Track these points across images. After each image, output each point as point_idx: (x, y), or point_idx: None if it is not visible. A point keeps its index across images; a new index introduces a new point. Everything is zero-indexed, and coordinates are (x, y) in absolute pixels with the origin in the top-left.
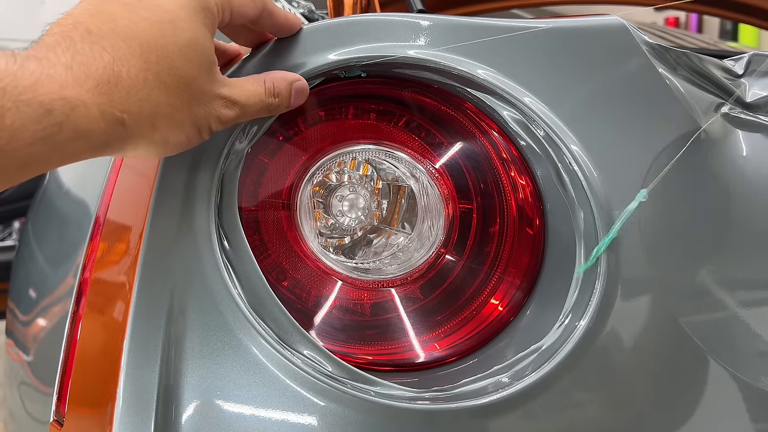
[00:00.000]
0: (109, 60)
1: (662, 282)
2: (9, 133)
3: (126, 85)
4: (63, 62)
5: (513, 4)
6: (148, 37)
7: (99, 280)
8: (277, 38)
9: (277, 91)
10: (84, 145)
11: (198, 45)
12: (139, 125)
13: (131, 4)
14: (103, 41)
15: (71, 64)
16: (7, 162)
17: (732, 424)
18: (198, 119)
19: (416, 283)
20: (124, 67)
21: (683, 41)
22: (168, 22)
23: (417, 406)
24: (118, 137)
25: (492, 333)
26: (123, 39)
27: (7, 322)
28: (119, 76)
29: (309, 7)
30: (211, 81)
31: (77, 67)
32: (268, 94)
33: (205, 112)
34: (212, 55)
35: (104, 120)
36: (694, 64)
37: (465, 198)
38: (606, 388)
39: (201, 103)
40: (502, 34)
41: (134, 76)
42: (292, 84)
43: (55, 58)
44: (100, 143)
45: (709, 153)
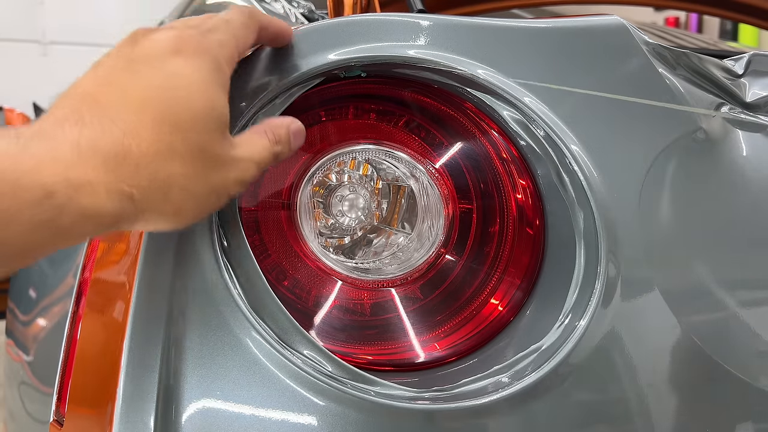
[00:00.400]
0: (119, 134)
1: (662, 282)
2: (5, 218)
3: (136, 159)
4: (70, 139)
5: (513, 4)
6: (160, 107)
7: (99, 280)
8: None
9: (278, 138)
10: (90, 226)
11: (213, 110)
12: (150, 199)
13: (141, 72)
14: (112, 113)
15: (78, 140)
16: (4, 250)
17: (732, 424)
18: (216, 186)
19: (416, 283)
20: (135, 141)
21: (683, 41)
22: (181, 89)
23: (417, 406)
24: (127, 214)
25: (492, 333)
26: (134, 111)
27: (7, 322)
28: (129, 150)
29: (309, 7)
30: (226, 145)
31: (85, 143)
32: (274, 143)
33: (222, 177)
34: (226, 118)
35: (111, 198)
36: (694, 64)
37: (465, 198)
38: (606, 388)
39: (217, 169)
40: (502, 34)
41: (145, 150)
42: (289, 127)
43: (62, 136)
44: (108, 222)
45: (709, 153)
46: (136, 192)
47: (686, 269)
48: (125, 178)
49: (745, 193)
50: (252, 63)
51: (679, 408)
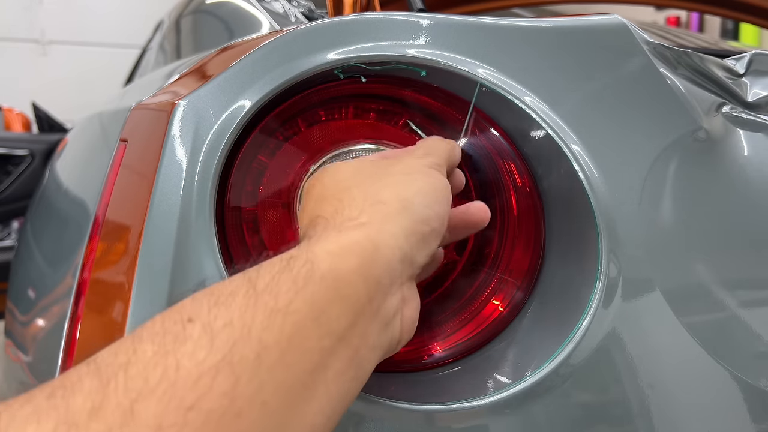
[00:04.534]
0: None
1: (663, 282)
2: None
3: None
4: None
5: (513, 3)
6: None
7: (98, 280)
8: (274, 38)
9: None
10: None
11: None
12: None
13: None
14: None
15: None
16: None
17: (732, 424)
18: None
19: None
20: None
21: (684, 41)
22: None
23: (417, 407)
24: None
25: (492, 333)
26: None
27: (6, 323)
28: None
29: (309, 6)
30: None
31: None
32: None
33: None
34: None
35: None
36: (695, 63)
37: (465, 198)
38: (606, 389)
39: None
40: (502, 34)
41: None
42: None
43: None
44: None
45: (709, 153)
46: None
47: (687, 269)
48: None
49: (746, 193)
50: (252, 63)
51: (680, 409)
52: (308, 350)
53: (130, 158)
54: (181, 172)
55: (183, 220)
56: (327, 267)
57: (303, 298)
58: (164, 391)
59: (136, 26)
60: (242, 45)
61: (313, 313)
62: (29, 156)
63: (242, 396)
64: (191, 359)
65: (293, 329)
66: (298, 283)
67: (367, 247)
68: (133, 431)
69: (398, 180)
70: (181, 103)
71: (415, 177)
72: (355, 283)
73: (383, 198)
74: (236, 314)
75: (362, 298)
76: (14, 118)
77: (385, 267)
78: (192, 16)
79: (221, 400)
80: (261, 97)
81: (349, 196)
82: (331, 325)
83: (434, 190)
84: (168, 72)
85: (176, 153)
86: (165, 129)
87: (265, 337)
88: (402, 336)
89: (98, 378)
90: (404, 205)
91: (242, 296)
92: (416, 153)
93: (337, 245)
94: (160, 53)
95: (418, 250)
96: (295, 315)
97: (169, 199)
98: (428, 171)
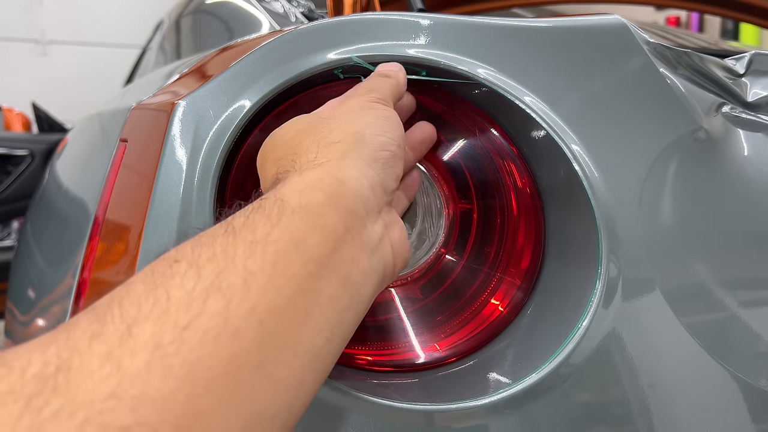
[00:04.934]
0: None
1: (662, 282)
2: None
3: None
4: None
5: (513, 3)
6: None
7: (98, 280)
8: (274, 38)
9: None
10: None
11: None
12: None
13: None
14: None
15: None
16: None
17: (732, 424)
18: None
19: (416, 283)
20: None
21: (684, 41)
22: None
23: (417, 407)
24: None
25: (493, 333)
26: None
27: (6, 323)
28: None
29: (309, 6)
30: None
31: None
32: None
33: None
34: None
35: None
36: (695, 63)
37: (465, 198)
38: (606, 389)
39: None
40: (502, 34)
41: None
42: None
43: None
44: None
45: (709, 153)
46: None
47: (687, 269)
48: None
49: (746, 193)
50: (252, 63)
51: (680, 409)
52: (294, 275)
53: (130, 158)
54: (181, 172)
55: (183, 220)
56: (296, 203)
57: (280, 230)
58: (158, 316)
59: (136, 26)
60: (242, 45)
61: (292, 241)
62: (29, 156)
63: (236, 315)
64: (180, 288)
65: (276, 257)
66: (273, 219)
67: (332, 182)
68: (132, 348)
69: (345, 119)
70: (181, 103)
71: (361, 113)
72: (327, 213)
73: (335, 138)
74: (219, 249)
75: (339, 227)
76: (14, 118)
77: (354, 198)
78: (192, 16)
79: (215, 319)
80: (261, 97)
81: (303, 147)
82: (312, 251)
83: (382, 119)
84: (168, 72)
85: (176, 153)
86: (165, 129)
87: (249, 265)
88: (396, 260)
89: (94, 314)
90: (356, 138)
91: (222, 236)
92: (358, 92)
93: (301, 184)
94: (160, 53)
95: (386, 174)
96: (275, 244)
97: (169, 199)
98: (372, 105)
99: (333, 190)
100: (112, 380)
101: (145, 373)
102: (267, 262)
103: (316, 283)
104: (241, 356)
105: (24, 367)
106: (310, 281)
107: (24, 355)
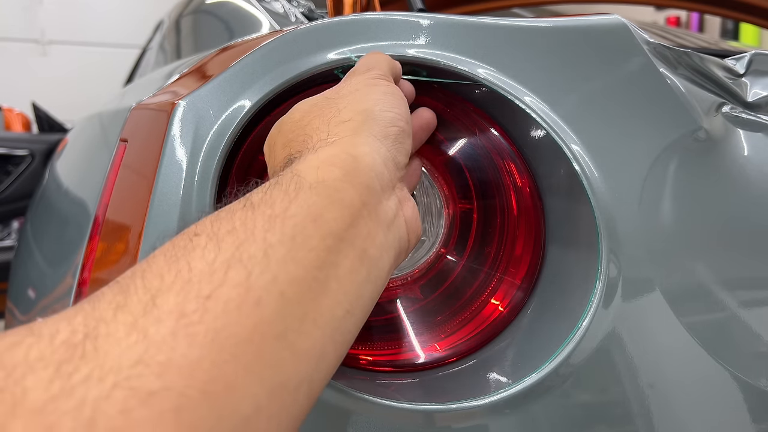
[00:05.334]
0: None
1: (662, 282)
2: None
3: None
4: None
5: (513, 4)
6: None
7: (98, 280)
8: (274, 38)
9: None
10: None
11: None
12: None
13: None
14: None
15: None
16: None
17: (732, 424)
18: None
19: (416, 283)
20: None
21: (684, 41)
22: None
23: (417, 406)
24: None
25: (493, 333)
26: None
27: (6, 323)
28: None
29: (309, 6)
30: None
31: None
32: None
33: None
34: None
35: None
36: (695, 63)
37: (465, 198)
38: (606, 389)
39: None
40: (502, 34)
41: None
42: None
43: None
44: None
45: (709, 153)
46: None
47: (687, 269)
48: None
49: (746, 193)
50: (252, 63)
51: (680, 409)
52: (313, 248)
53: (130, 158)
54: (181, 172)
55: (183, 220)
56: (314, 178)
57: (298, 204)
58: (181, 287)
59: (136, 26)
60: (242, 45)
61: (310, 216)
62: (29, 156)
63: (257, 286)
64: (201, 260)
65: (294, 230)
66: (290, 194)
67: (346, 159)
68: (157, 317)
69: (352, 98)
70: (181, 103)
71: (367, 90)
72: (344, 189)
73: (344, 117)
74: (238, 223)
75: (356, 202)
76: (14, 118)
77: (369, 173)
78: (192, 16)
79: (237, 289)
80: (261, 97)
81: (312, 127)
82: (330, 225)
83: (388, 95)
84: (168, 72)
85: (176, 153)
86: (165, 129)
87: (269, 237)
88: (410, 235)
89: (118, 287)
90: (366, 115)
91: (240, 210)
92: (359, 70)
93: (317, 161)
94: (160, 53)
95: (397, 150)
96: (293, 218)
97: (169, 199)
98: (376, 81)
99: (348, 165)
100: (139, 347)
101: (171, 340)
102: (286, 235)
103: (335, 257)
104: (263, 325)
105: (53, 334)
106: (328, 255)
107: (52, 324)
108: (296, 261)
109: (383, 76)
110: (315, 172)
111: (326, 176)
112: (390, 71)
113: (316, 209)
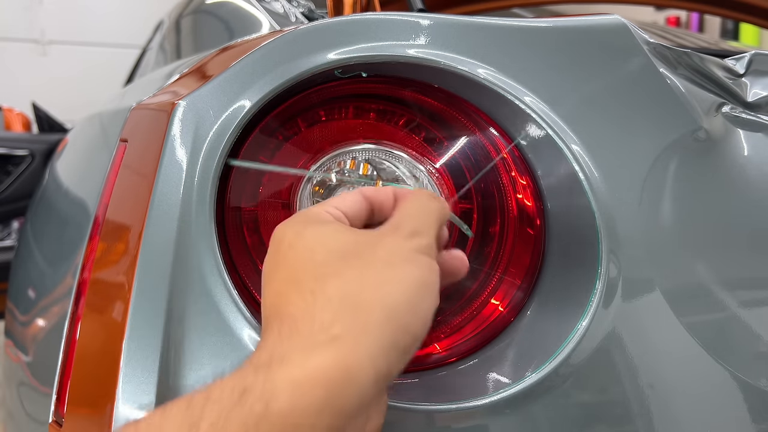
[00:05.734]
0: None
1: (662, 282)
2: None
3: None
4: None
5: (513, 3)
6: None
7: (98, 280)
8: (274, 38)
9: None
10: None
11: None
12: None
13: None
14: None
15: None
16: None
17: (732, 424)
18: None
19: None
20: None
21: (684, 41)
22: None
23: (417, 406)
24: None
25: (493, 333)
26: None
27: (6, 323)
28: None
29: (309, 6)
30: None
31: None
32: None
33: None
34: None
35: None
36: (695, 63)
37: (465, 198)
38: (606, 389)
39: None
40: (502, 34)
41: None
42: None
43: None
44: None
45: (709, 153)
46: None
47: (687, 269)
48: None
49: (746, 193)
50: (252, 63)
51: (680, 409)
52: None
53: (130, 158)
54: (181, 172)
55: (183, 220)
56: (286, 404)
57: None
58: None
59: (136, 26)
60: (242, 45)
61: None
62: (29, 156)
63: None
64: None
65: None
66: (248, 427)
67: (336, 376)
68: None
69: (382, 276)
70: (181, 103)
71: (401, 271)
72: (316, 419)
73: (363, 300)
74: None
75: (319, 429)
76: (14, 118)
77: (355, 394)
78: (192, 16)
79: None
80: (261, 97)
81: (324, 292)
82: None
83: (422, 286)
84: (168, 72)
85: (176, 153)
86: (165, 129)
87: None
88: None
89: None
90: (387, 315)
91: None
92: (402, 232)
93: (302, 372)
94: (160, 53)
95: (396, 364)
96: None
97: (169, 199)
98: (416, 258)
99: (336, 386)
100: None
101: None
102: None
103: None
104: None
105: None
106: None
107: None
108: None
109: (428, 249)
110: (290, 394)
111: (303, 402)
112: (437, 232)
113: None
